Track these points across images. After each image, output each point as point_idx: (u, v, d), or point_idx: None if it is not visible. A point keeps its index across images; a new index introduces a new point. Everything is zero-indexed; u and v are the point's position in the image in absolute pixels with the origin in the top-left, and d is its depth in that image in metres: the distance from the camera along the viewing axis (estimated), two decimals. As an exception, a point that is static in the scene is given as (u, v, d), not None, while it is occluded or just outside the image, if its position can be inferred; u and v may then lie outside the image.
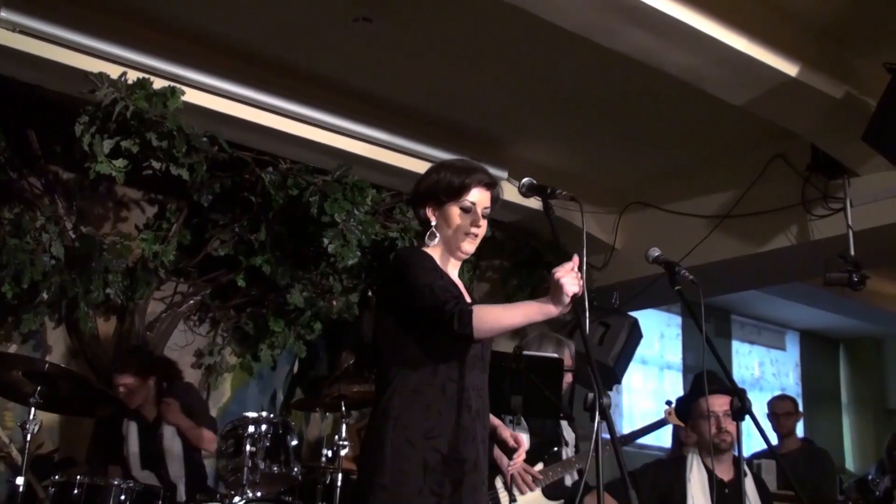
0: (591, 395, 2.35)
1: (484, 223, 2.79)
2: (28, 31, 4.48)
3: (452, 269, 2.82)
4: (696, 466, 4.04)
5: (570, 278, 2.42)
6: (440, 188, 2.77)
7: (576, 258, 2.48)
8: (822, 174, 5.50)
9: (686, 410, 4.36)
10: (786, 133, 5.28)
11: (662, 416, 4.73)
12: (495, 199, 2.86)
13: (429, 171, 2.87)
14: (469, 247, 2.77)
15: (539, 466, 4.39)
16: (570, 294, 2.42)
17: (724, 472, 4.00)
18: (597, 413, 2.33)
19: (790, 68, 4.52)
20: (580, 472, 4.39)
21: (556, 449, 4.47)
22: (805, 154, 5.52)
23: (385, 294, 2.84)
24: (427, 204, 2.80)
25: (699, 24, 4.17)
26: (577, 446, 4.57)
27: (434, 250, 2.78)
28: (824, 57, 4.67)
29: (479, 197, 2.78)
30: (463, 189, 2.75)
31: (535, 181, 2.80)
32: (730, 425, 3.91)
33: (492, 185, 2.83)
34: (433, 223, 2.78)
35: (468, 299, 2.74)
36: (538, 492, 4.35)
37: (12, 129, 5.17)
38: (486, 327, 2.50)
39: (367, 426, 2.69)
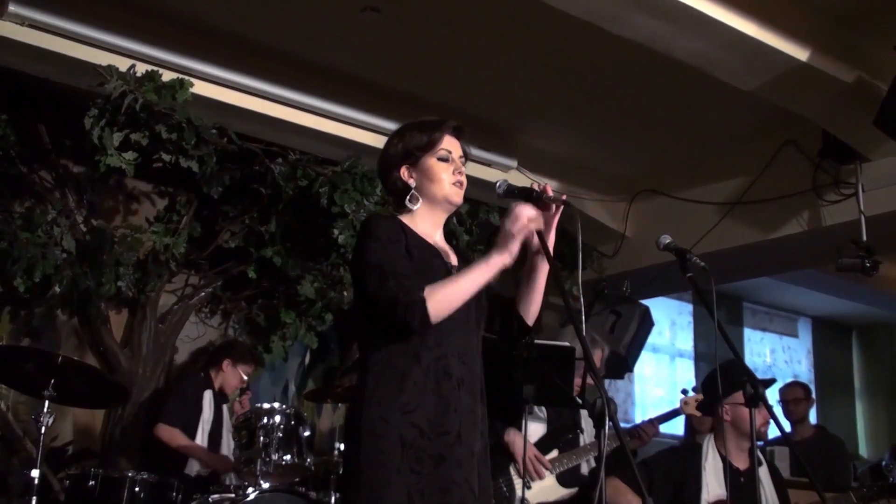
0: (598, 402, 2.31)
1: (464, 169, 2.68)
2: (36, 24, 4.49)
3: (436, 229, 2.69)
4: (711, 454, 4.01)
5: (517, 221, 2.44)
6: (412, 145, 2.65)
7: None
8: (834, 159, 5.47)
9: (716, 397, 4.29)
10: (796, 118, 5.26)
11: (678, 405, 4.71)
12: (465, 151, 2.73)
13: (391, 138, 2.74)
14: (457, 196, 2.65)
15: (554, 453, 4.39)
16: (517, 234, 2.44)
17: (740, 461, 3.98)
18: (605, 418, 2.29)
19: (801, 53, 4.49)
20: (598, 459, 4.38)
21: (571, 436, 4.47)
22: (816, 139, 5.50)
23: (351, 268, 2.74)
24: (400, 166, 2.66)
25: (708, 9, 4.14)
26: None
27: (416, 214, 2.65)
28: (835, 41, 4.64)
29: (452, 144, 2.67)
30: (435, 140, 2.64)
31: (513, 184, 2.66)
32: (768, 416, 3.83)
33: (459, 130, 2.71)
34: (412, 184, 2.65)
35: (453, 260, 2.65)
36: (552, 479, 4.35)
37: (22, 124, 5.18)
38: (442, 309, 2.41)
39: (346, 412, 2.57)
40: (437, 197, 2.64)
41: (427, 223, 2.66)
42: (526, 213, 2.47)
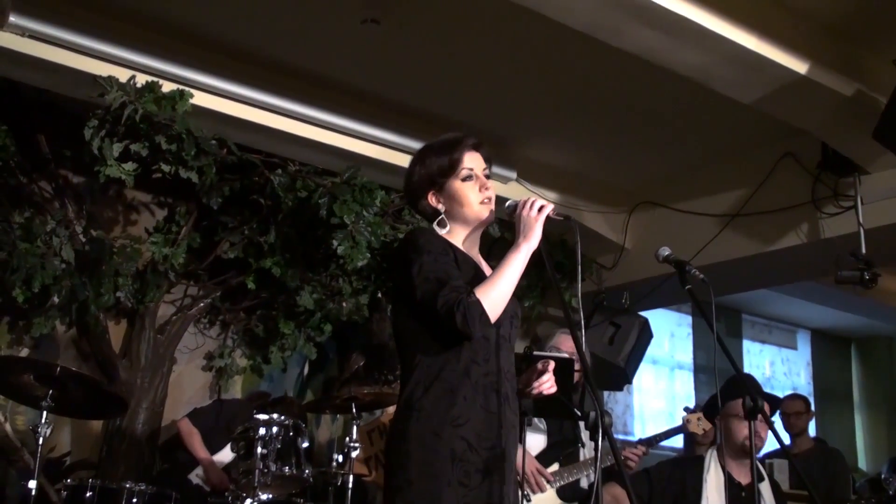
0: (592, 414, 2.32)
1: (491, 184, 2.71)
2: (37, 35, 4.50)
3: (472, 247, 2.72)
4: (713, 468, 4.00)
5: (533, 206, 2.55)
6: (433, 171, 2.69)
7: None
8: (833, 172, 5.48)
9: (716, 409, 4.30)
10: (796, 131, 5.27)
11: (679, 421, 4.69)
12: (488, 158, 2.78)
13: (412, 164, 2.77)
14: (486, 213, 2.67)
15: (555, 467, 4.38)
16: (536, 218, 2.53)
17: (742, 475, 3.96)
18: (600, 430, 2.29)
19: (800, 66, 4.50)
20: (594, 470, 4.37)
21: (572, 450, 4.45)
22: (815, 152, 5.50)
23: (396, 281, 2.77)
24: (427, 193, 2.71)
25: (708, 22, 4.15)
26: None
27: (452, 233, 2.68)
28: (834, 54, 4.65)
29: (473, 161, 2.71)
30: (455, 161, 2.68)
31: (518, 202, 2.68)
32: (763, 430, 3.84)
33: (478, 145, 2.75)
34: (441, 209, 2.69)
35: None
36: (552, 492, 4.34)
37: (22, 134, 5.19)
38: (496, 307, 2.47)
39: (391, 421, 2.57)
40: (468, 218, 2.69)
41: (465, 242, 2.70)
42: (539, 202, 2.56)
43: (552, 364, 2.59)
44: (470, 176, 2.68)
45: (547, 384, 2.57)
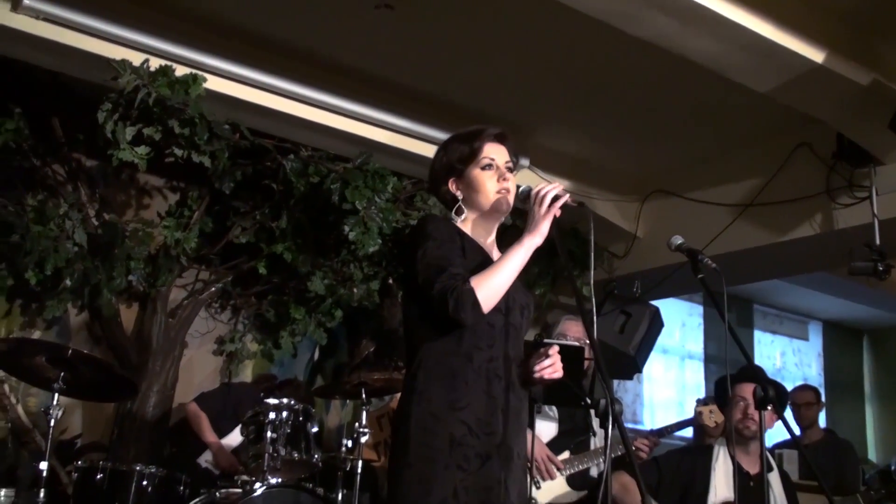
0: (603, 402, 2.32)
1: (511, 176, 2.70)
2: (51, 18, 4.50)
3: (486, 236, 2.73)
4: (722, 457, 3.99)
5: (544, 202, 2.53)
6: (454, 158, 2.72)
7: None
8: (848, 162, 5.44)
9: (722, 397, 4.31)
10: (811, 121, 5.23)
11: (692, 413, 4.68)
12: (515, 153, 2.79)
13: (438, 151, 2.82)
14: (502, 203, 2.67)
15: (565, 455, 4.38)
16: (545, 214, 2.52)
17: (751, 465, 3.95)
18: (610, 418, 2.30)
19: (816, 55, 4.46)
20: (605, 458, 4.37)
21: (583, 438, 4.45)
22: (830, 142, 5.46)
23: (405, 266, 2.78)
24: (447, 180, 2.73)
25: (723, 9, 4.12)
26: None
27: (468, 221, 2.70)
28: (851, 43, 4.61)
29: (495, 151, 2.71)
30: (476, 150, 2.69)
31: (531, 188, 2.68)
32: (756, 414, 3.85)
33: (502, 136, 2.75)
34: (460, 196, 2.71)
35: None
36: (561, 480, 4.34)
37: (36, 117, 5.20)
38: (490, 297, 2.47)
39: (397, 406, 2.61)
40: (484, 206, 2.69)
41: (479, 230, 2.72)
42: (550, 195, 2.54)
43: (556, 348, 2.58)
44: (490, 165, 2.69)
45: (549, 369, 2.56)
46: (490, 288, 2.47)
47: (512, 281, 2.52)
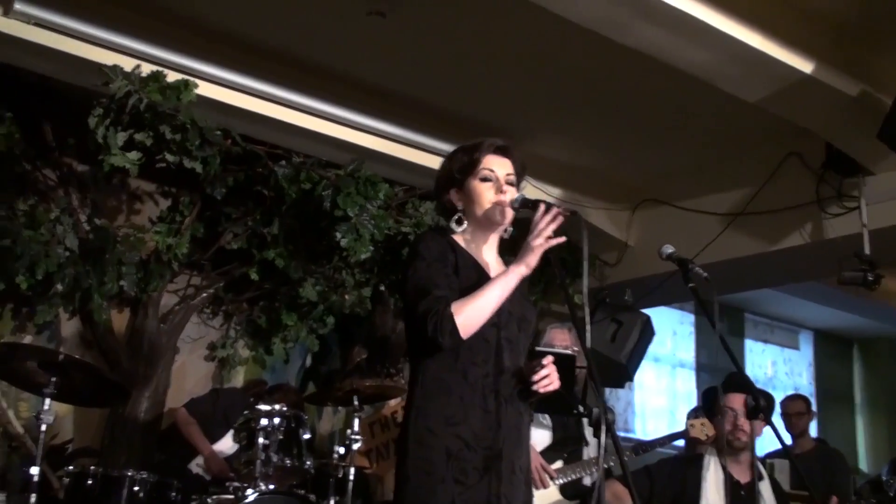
0: (596, 411, 2.33)
1: (510, 189, 2.70)
2: (43, 23, 4.50)
3: (488, 249, 2.74)
4: (713, 466, 3.99)
5: (541, 235, 2.50)
6: (455, 168, 2.73)
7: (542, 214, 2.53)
8: (837, 172, 5.47)
9: (710, 407, 4.32)
10: (801, 131, 5.26)
11: (684, 426, 4.69)
12: (520, 165, 2.79)
13: (443, 161, 2.84)
14: (499, 216, 2.67)
15: (558, 464, 4.38)
16: (537, 248, 2.50)
17: (741, 474, 3.96)
18: (603, 427, 2.30)
19: (805, 65, 4.49)
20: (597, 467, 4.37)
21: (577, 448, 4.45)
22: (820, 152, 5.50)
23: (400, 284, 2.83)
24: (448, 190, 2.74)
25: (713, 19, 4.14)
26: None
27: (466, 233, 2.71)
28: (840, 54, 4.64)
29: (495, 163, 2.71)
30: (475, 161, 2.70)
31: (528, 196, 2.69)
32: (746, 425, 3.86)
33: (504, 149, 2.75)
34: (459, 207, 2.71)
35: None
36: (554, 489, 4.34)
37: (27, 121, 5.20)
38: (471, 323, 2.47)
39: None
40: (480, 218, 2.69)
41: (478, 242, 2.73)
42: (547, 230, 2.51)
43: (550, 358, 2.59)
44: (488, 178, 2.69)
45: (545, 380, 2.56)
46: (470, 314, 2.47)
47: (495, 307, 2.52)
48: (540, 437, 4.43)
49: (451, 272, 2.57)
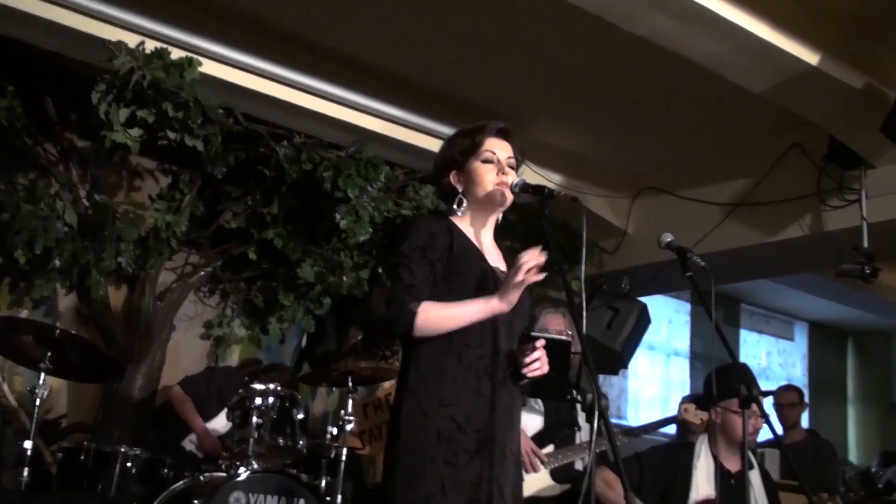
0: (590, 396, 2.34)
1: (511, 172, 2.71)
2: (47, -3, 4.48)
3: (486, 232, 2.76)
4: (703, 455, 4.01)
5: (518, 274, 2.46)
6: (456, 150, 2.74)
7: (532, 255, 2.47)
8: (839, 165, 5.47)
9: (710, 399, 4.28)
10: (803, 122, 5.25)
11: (677, 412, 4.69)
12: (520, 150, 2.79)
13: (443, 144, 2.85)
14: (498, 196, 2.68)
15: (550, 448, 4.39)
16: (517, 286, 2.47)
17: (732, 463, 3.97)
18: (596, 413, 2.31)
19: (811, 57, 4.48)
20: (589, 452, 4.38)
21: (569, 433, 4.46)
22: (822, 144, 5.50)
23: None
24: (449, 172, 2.75)
25: (720, 8, 4.14)
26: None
27: (466, 216, 2.72)
28: (846, 46, 4.63)
29: (497, 146, 2.73)
30: (477, 143, 2.71)
31: (528, 181, 2.69)
32: (759, 423, 3.83)
33: (505, 131, 2.76)
34: (460, 189, 2.72)
35: (501, 264, 2.71)
36: (545, 473, 4.36)
37: (29, 96, 5.17)
38: (429, 327, 2.49)
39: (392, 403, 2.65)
40: (481, 198, 2.71)
41: (476, 225, 2.74)
42: (528, 266, 2.46)
43: (542, 342, 2.60)
44: (490, 160, 2.70)
45: (535, 364, 2.56)
46: (433, 321, 2.50)
47: (456, 327, 2.52)
48: (531, 422, 4.44)
49: (437, 258, 2.58)
